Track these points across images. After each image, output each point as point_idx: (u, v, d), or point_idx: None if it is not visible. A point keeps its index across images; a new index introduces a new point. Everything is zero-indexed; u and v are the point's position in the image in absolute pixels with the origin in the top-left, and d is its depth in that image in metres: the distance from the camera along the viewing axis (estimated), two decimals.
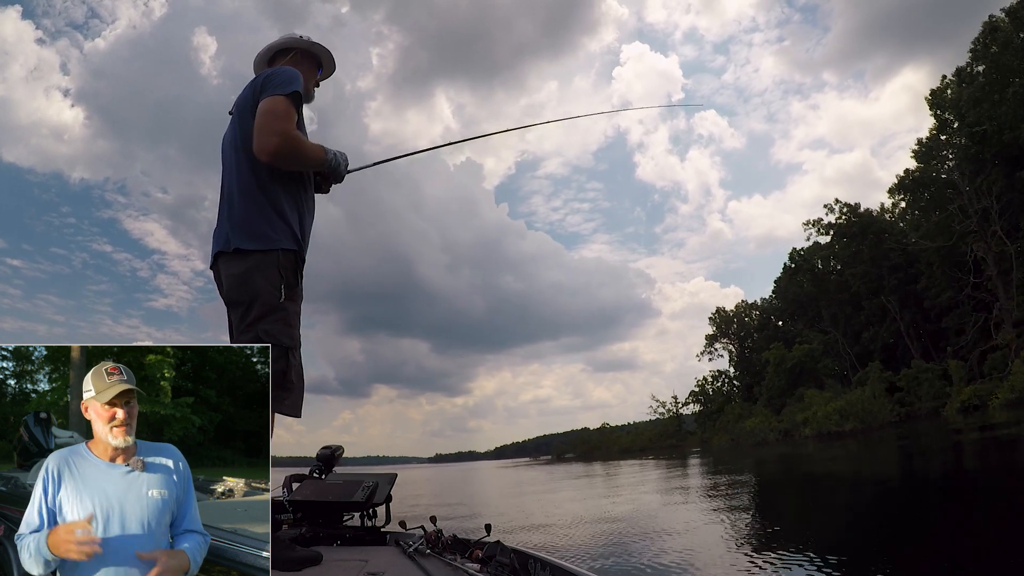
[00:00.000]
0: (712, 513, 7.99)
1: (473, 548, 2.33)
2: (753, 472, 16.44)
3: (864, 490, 9.70)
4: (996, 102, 31.58)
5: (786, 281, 55.48)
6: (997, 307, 29.65)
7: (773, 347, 49.13)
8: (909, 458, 14.81)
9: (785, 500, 10.31)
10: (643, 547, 5.85)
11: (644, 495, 12.54)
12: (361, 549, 2.47)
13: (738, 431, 43.59)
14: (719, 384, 66.11)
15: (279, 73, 1.94)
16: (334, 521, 2.80)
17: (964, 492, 8.00)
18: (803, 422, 35.85)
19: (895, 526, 5.90)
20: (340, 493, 2.83)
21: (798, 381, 45.29)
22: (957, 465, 11.88)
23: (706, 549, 5.53)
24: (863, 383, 36.76)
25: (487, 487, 22.42)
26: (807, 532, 6.31)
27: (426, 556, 2.17)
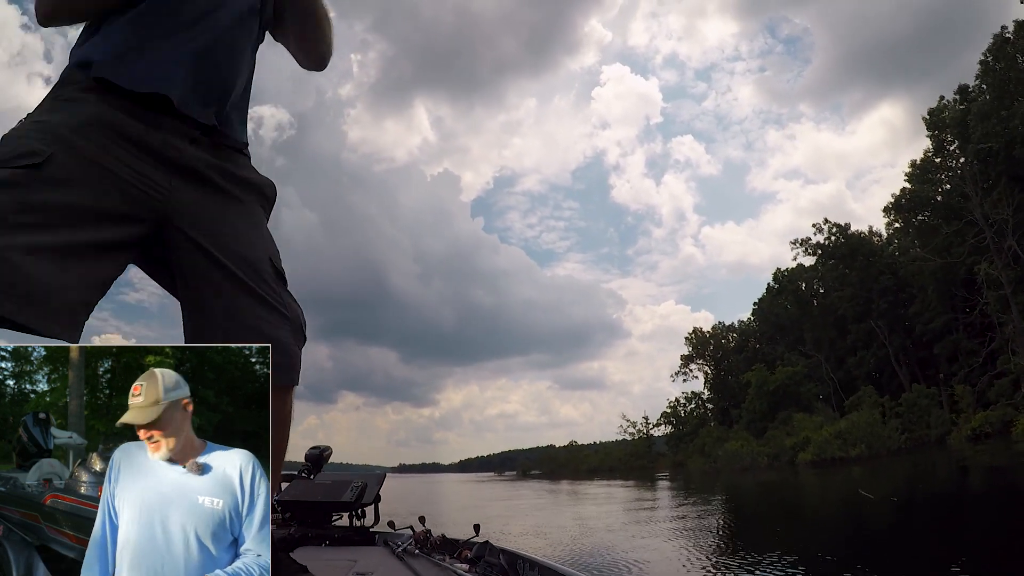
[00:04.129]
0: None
1: (462, 548, 2.29)
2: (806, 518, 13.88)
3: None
4: (1004, 118, 30.74)
5: (769, 302, 54.34)
6: (1009, 329, 28.05)
7: (755, 369, 47.34)
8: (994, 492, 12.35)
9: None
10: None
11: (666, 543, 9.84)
12: (350, 549, 2.52)
13: (721, 455, 41.38)
14: (693, 406, 64.53)
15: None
16: (323, 521, 2.82)
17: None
18: (794, 447, 33.87)
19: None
20: (329, 493, 2.84)
21: (780, 404, 43.58)
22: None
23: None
24: (856, 408, 34.96)
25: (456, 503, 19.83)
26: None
27: (415, 556, 2.18)
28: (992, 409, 26.27)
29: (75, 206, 1.01)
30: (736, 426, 48.43)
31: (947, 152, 38.46)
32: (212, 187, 1.21)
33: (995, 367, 29.04)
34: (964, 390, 29.09)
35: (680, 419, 63.28)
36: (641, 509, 12.16)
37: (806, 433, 33.76)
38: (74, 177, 1.02)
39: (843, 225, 46.89)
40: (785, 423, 38.90)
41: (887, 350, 41.24)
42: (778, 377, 44.40)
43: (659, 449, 65.23)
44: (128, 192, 1.08)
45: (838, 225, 46.95)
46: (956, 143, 36.69)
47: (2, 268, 0.94)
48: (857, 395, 37.64)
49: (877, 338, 41.94)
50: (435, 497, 24.11)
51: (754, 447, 39.31)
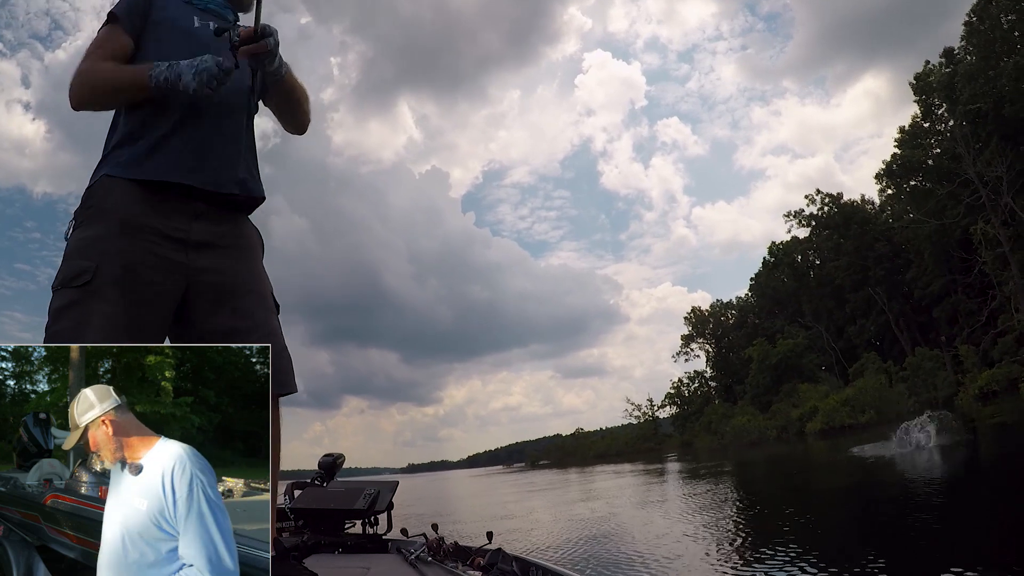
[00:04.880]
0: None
1: (475, 555, 2.27)
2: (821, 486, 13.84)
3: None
4: (991, 78, 30.61)
5: (765, 276, 54.29)
6: (1010, 287, 28.04)
7: (756, 343, 47.34)
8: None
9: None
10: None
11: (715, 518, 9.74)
12: (363, 556, 2.51)
13: (728, 431, 41.42)
14: (696, 385, 64.61)
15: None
16: (336, 529, 2.81)
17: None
18: (801, 417, 33.87)
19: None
20: (342, 501, 2.84)
21: (783, 377, 43.64)
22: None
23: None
24: (860, 375, 34.97)
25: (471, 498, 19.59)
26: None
27: (428, 563, 2.20)
28: (998, 367, 26.27)
29: (124, 296, 1.35)
30: (741, 402, 48.51)
31: (935, 116, 38.30)
32: (220, 249, 1.52)
33: (996, 326, 29.05)
34: (968, 350, 29.07)
35: (684, 399, 63.40)
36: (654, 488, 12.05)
37: (813, 403, 33.75)
38: (118, 279, 1.35)
39: (836, 195, 46.77)
40: (790, 395, 38.91)
41: (887, 316, 41.28)
42: (780, 350, 44.42)
43: (665, 430, 65.37)
44: (159, 272, 1.41)
45: (831, 195, 46.81)
46: (944, 106, 36.51)
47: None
48: (860, 362, 37.58)
49: (876, 305, 41.95)
50: (446, 496, 23.97)
51: (761, 421, 39.34)
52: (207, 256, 1.49)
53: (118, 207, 1.42)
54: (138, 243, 1.40)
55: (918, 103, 38.97)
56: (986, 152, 30.59)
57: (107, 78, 1.50)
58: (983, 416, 20.16)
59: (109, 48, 1.53)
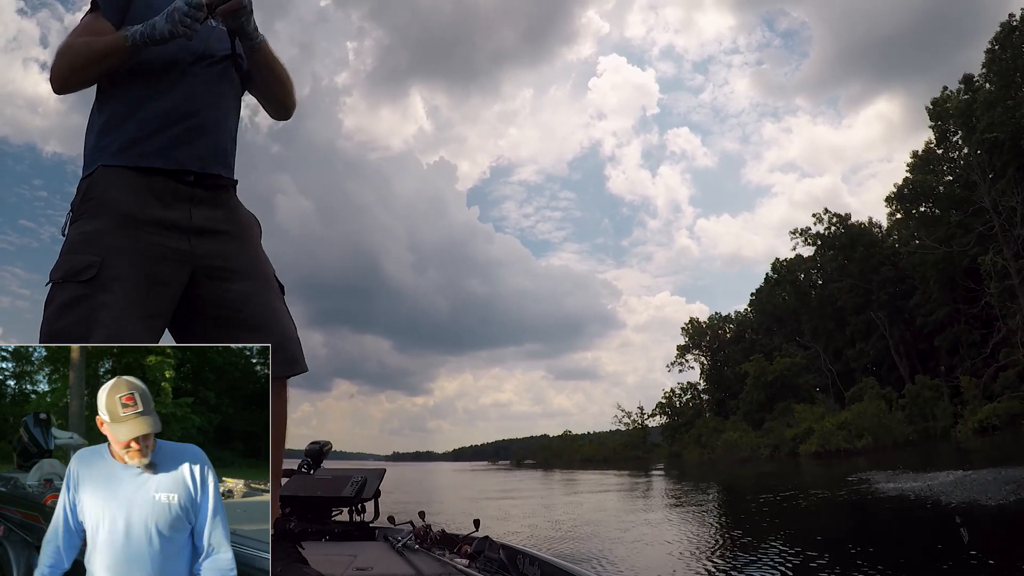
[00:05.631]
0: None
1: (461, 543, 2.28)
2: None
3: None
4: (1010, 107, 30.37)
5: (767, 292, 54.02)
6: (1016, 320, 27.73)
7: (753, 359, 47.03)
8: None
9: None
10: None
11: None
12: (350, 544, 2.51)
13: (719, 445, 41.10)
14: (688, 397, 64.34)
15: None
16: (323, 516, 2.81)
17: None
18: (795, 438, 33.55)
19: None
20: (329, 488, 2.83)
21: (778, 395, 43.30)
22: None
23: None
24: (856, 399, 34.65)
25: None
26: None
27: (415, 551, 2.20)
28: (999, 402, 25.98)
29: (131, 290, 1.36)
30: (733, 417, 48.14)
31: (950, 143, 38.08)
32: (221, 233, 1.52)
33: (999, 359, 28.75)
34: (969, 382, 28.77)
35: (676, 410, 63.06)
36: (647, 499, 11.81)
37: (808, 423, 33.40)
38: (124, 274, 1.36)
39: (843, 215, 46.48)
40: (784, 414, 38.56)
41: (887, 341, 40.92)
42: (776, 368, 44.06)
43: (654, 439, 65.20)
44: (163, 263, 1.42)
45: (838, 215, 46.50)
46: (959, 133, 36.27)
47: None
48: (858, 386, 37.28)
49: (877, 329, 41.60)
50: (432, 487, 23.70)
51: (753, 438, 39.01)
52: (209, 241, 1.50)
53: (119, 199, 1.43)
54: (142, 235, 1.41)
55: (933, 128, 38.73)
56: (1001, 182, 30.30)
57: (83, 51, 1.50)
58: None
59: (89, 34, 1.54)
